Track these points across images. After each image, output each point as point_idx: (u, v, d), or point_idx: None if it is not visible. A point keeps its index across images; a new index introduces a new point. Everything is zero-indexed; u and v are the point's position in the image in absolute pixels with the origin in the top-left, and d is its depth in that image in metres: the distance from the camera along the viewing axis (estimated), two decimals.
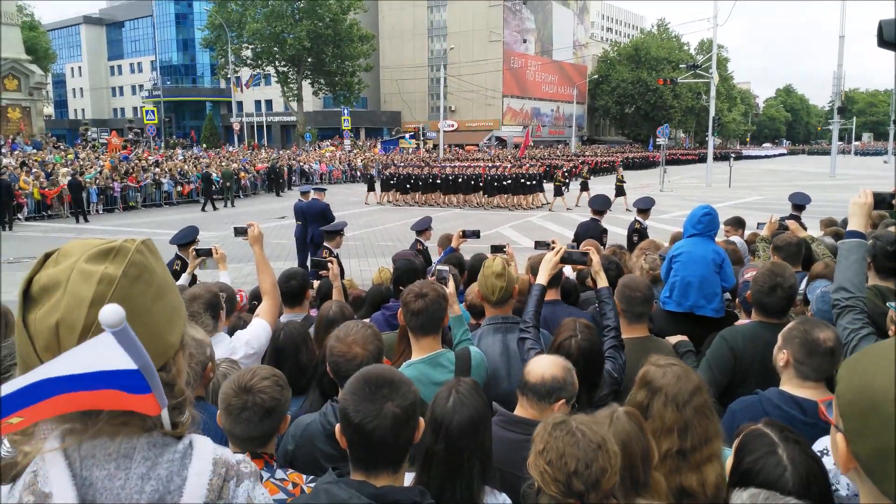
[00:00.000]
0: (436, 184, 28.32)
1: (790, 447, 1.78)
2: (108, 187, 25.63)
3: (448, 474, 1.94)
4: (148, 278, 1.10)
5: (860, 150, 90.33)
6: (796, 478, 1.72)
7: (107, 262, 1.07)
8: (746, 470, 1.77)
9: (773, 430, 1.84)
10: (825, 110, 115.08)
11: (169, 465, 1.11)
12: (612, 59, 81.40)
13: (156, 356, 1.09)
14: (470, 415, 1.98)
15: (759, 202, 24.54)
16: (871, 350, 1.18)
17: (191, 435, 1.18)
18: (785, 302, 3.16)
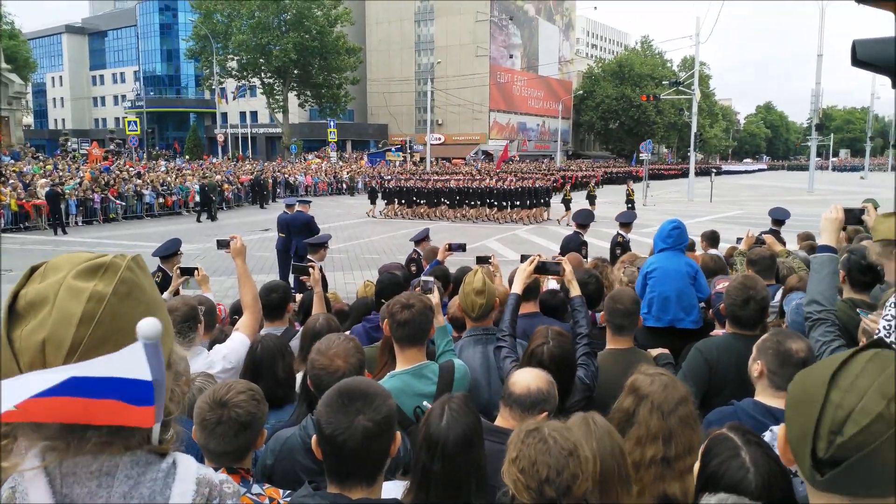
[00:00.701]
0: (441, 198, 28.17)
1: (752, 450, 1.81)
2: (87, 199, 25.36)
3: (446, 493, 1.94)
4: (138, 296, 1.09)
5: (838, 166, 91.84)
6: (759, 479, 1.75)
7: (96, 279, 1.06)
8: (712, 473, 1.80)
9: (737, 434, 1.87)
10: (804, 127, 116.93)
11: (152, 485, 1.10)
12: (596, 75, 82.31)
13: None
14: (464, 431, 1.99)
15: (740, 216, 24.84)
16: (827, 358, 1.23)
17: (174, 453, 1.17)
18: (758, 314, 3.22)
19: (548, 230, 23.15)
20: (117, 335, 1.04)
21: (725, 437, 1.86)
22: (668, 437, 2.26)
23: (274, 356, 3.12)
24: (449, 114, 70.29)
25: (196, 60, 60.49)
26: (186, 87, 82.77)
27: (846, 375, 1.09)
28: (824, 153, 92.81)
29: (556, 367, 2.72)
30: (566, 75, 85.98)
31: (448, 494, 1.94)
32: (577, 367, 2.97)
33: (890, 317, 2.44)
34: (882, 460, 1.04)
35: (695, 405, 2.40)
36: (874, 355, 1.11)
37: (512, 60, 75.48)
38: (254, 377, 3.05)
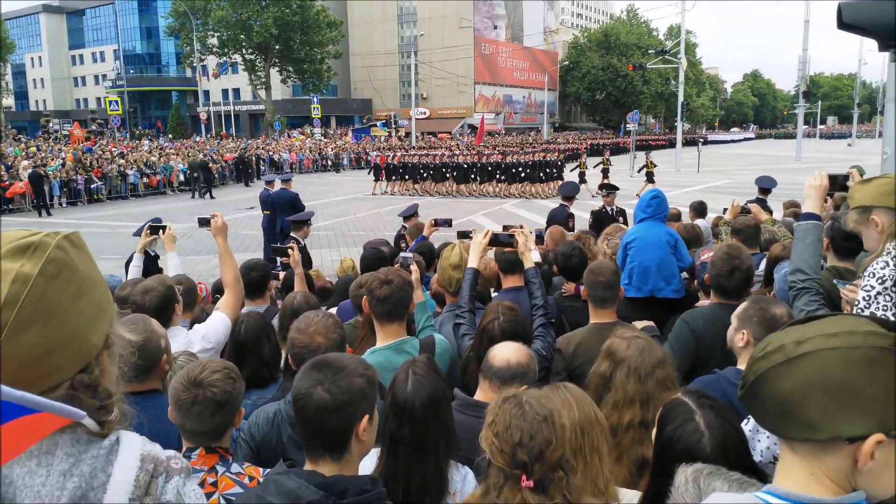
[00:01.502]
0: (447, 173, 27.29)
1: (707, 413, 1.80)
2: (71, 180, 25.06)
3: (415, 455, 1.97)
4: (68, 275, 1.05)
5: (825, 134, 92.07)
6: (713, 442, 1.75)
7: (23, 259, 1.01)
8: (667, 438, 1.80)
9: (691, 397, 1.86)
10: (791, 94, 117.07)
11: (93, 462, 1.07)
12: (582, 45, 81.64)
13: (76, 357, 1.06)
14: (429, 394, 2.01)
15: (727, 185, 24.92)
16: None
17: (119, 431, 1.14)
18: (743, 283, 3.21)
19: (535, 204, 23.11)
20: (44, 317, 1.00)
21: (680, 402, 1.85)
22: (645, 400, 2.27)
23: (259, 336, 3.11)
24: (434, 87, 69.67)
25: (176, 38, 59.51)
26: (168, 65, 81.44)
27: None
28: (812, 121, 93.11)
29: (508, 341, 2.72)
30: (551, 46, 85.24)
31: (417, 458, 1.97)
32: (532, 340, 2.98)
33: (868, 287, 2.40)
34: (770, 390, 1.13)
35: (673, 367, 2.40)
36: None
37: (496, 32, 74.68)
38: (238, 358, 3.03)
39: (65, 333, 1.02)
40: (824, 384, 1.07)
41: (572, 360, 3.19)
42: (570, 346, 3.24)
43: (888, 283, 2.34)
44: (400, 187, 28.09)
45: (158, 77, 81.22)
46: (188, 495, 1.18)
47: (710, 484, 1.43)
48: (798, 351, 1.11)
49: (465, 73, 69.09)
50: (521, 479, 1.61)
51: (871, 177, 2.73)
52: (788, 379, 1.11)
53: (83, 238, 1.15)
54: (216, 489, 1.97)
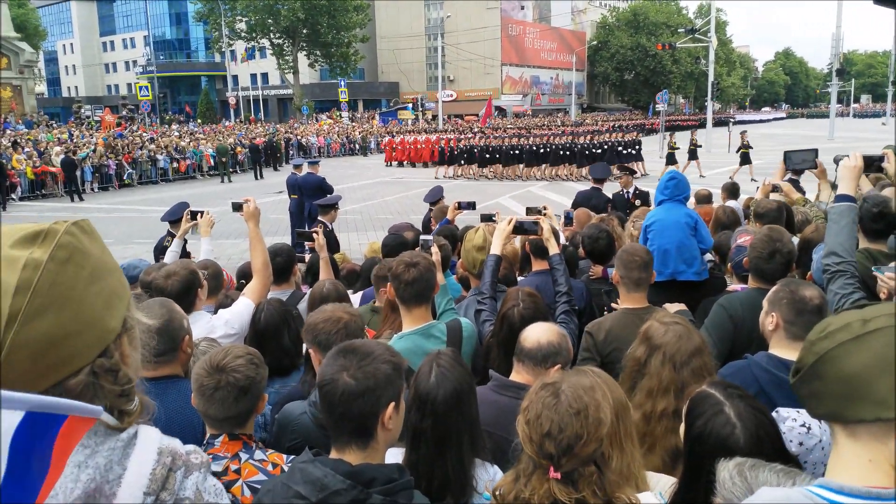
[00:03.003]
0: (518, 155, 25.81)
1: (736, 403, 1.76)
2: (102, 165, 25.48)
3: (437, 451, 1.92)
4: (80, 260, 1.04)
5: (858, 113, 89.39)
6: (746, 434, 1.70)
7: (34, 247, 1.01)
8: (698, 434, 1.74)
9: (718, 389, 1.82)
10: (824, 73, 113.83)
11: (109, 454, 1.06)
12: (610, 24, 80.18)
13: (94, 342, 1.05)
14: (454, 387, 1.96)
15: (758, 167, 24.32)
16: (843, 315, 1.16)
17: (137, 426, 1.12)
18: (784, 267, 3.11)
19: (563, 186, 22.89)
20: (59, 302, 0.99)
21: (706, 395, 1.80)
22: (679, 389, 2.21)
23: (278, 325, 3.06)
24: (460, 69, 69.16)
25: (205, 23, 59.73)
26: (196, 50, 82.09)
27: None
28: (845, 99, 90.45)
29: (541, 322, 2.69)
30: (579, 26, 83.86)
31: (439, 452, 1.92)
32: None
33: None
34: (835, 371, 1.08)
35: (712, 357, 2.34)
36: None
37: (523, 12, 73.73)
38: (258, 346, 3.02)
39: (81, 318, 1.02)
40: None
41: (604, 347, 3.13)
42: (601, 333, 3.16)
43: None
44: (465, 171, 26.88)
45: (188, 62, 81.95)
46: (208, 491, 1.16)
47: (757, 476, 1.39)
48: (867, 328, 1.09)
49: (492, 54, 68.44)
50: (549, 471, 1.59)
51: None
52: (858, 356, 1.08)
53: (93, 224, 1.14)
54: (239, 476, 1.97)
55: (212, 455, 1.99)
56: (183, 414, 2.19)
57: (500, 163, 26.08)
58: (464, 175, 26.87)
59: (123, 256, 8.23)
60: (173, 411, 2.19)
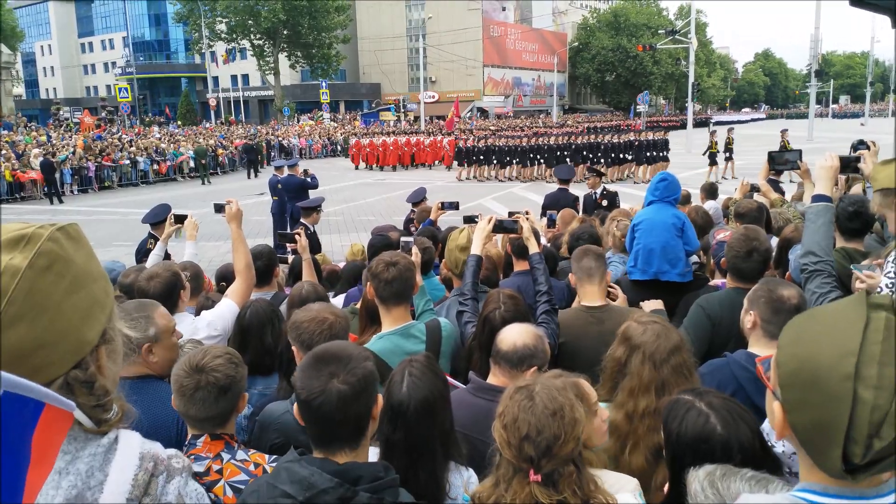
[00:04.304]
0: (536, 156, 25.03)
1: (706, 397, 1.80)
2: (82, 167, 25.18)
3: (410, 460, 1.91)
4: (60, 269, 1.01)
5: (837, 113, 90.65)
6: (721, 420, 1.72)
7: (14, 252, 0.98)
8: (677, 437, 1.77)
9: (688, 393, 1.86)
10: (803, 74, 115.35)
11: (90, 460, 1.05)
12: (591, 25, 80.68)
13: (68, 353, 1.03)
14: (425, 396, 1.94)
15: (739, 167, 24.62)
16: (817, 316, 1.15)
17: (118, 430, 1.11)
18: (761, 266, 3.15)
19: (544, 187, 22.99)
20: (34, 311, 0.97)
21: (677, 399, 1.84)
22: (660, 387, 2.24)
23: (262, 323, 3.08)
24: (442, 70, 69.23)
25: (184, 24, 59.28)
26: (176, 51, 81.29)
27: (867, 362, 1.00)
28: (824, 100, 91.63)
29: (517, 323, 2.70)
30: (560, 27, 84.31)
31: (412, 461, 1.90)
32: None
33: (892, 273, 2.40)
34: None
35: (690, 354, 2.37)
36: (885, 327, 1.03)
37: (505, 13, 73.97)
38: (242, 344, 3.03)
39: (56, 329, 0.99)
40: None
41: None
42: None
43: None
44: (479, 172, 26.16)
45: (167, 64, 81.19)
46: (189, 496, 1.16)
47: (729, 487, 1.38)
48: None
49: (474, 55, 68.56)
50: (529, 474, 1.60)
51: (892, 158, 2.67)
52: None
53: (82, 229, 1.12)
54: (221, 476, 1.97)
55: (194, 455, 1.99)
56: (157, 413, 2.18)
57: (521, 163, 25.32)
58: (479, 176, 26.24)
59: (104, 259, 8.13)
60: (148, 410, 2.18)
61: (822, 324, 1.10)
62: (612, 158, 23.87)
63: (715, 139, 24.06)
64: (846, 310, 1.08)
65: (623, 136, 25.02)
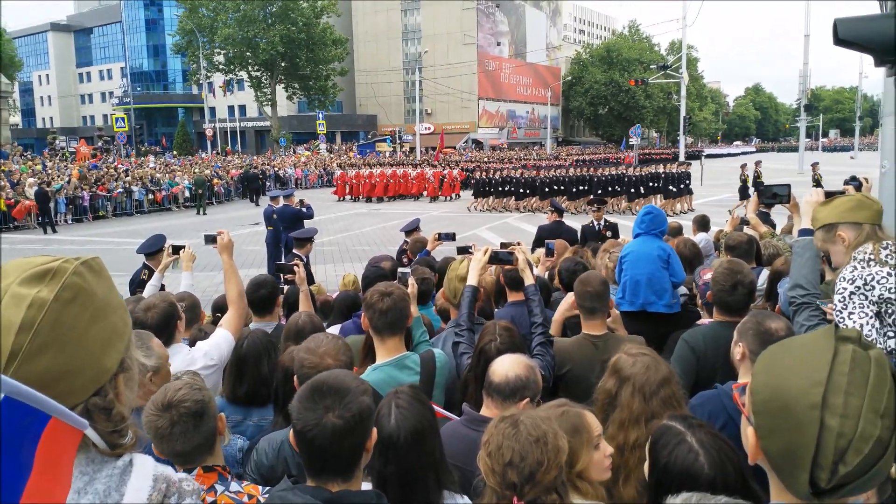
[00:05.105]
0: (556, 188, 24.56)
1: (697, 432, 1.80)
2: (76, 197, 25.20)
3: (404, 493, 1.91)
4: (84, 301, 1.07)
5: (827, 147, 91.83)
6: (710, 459, 1.74)
7: (41, 285, 1.04)
8: (664, 465, 1.78)
9: (678, 420, 1.87)
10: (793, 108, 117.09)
11: (107, 480, 1.10)
12: (584, 60, 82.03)
13: (90, 381, 1.08)
14: (414, 426, 1.94)
15: (731, 199, 24.86)
16: (789, 347, 1.20)
17: (132, 454, 1.17)
18: (746, 298, 3.20)
19: (539, 218, 23.11)
20: (59, 342, 1.02)
21: (668, 427, 1.85)
22: (650, 419, 2.25)
23: (259, 353, 3.07)
24: (438, 103, 70.05)
25: (183, 55, 59.92)
26: (174, 82, 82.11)
27: (834, 391, 1.07)
28: (814, 134, 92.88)
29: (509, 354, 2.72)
30: (554, 62, 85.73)
31: (407, 495, 1.89)
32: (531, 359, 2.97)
33: (841, 289, 2.51)
34: (876, 477, 1.06)
35: (679, 386, 2.39)
36: (852, 358, 1.10)
37: (500, 48, 75.17)
38: (238, 374, 3.02)
39: (79, 358, 1.05)
40: None
41: (559, 366, 3.22)
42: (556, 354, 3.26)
43: (858, 283, 2.47)
44: (497, 204, 25.95)
45: (165, 94, 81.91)
46: None
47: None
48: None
49: (469, 88, 69.49)
50: (513, 501, 1.61)
51: (830, 198, 2.81)
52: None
53: (103, 262, 1.18)
54: None
55: None
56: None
57: (539, 196, 24.89)
58: (496, 207, 26.04)
59: None
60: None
61: (792, 355, 1.16)
62: (635, 190, 23.70)
63: (746, 172, 23.88)
64: (816, 342, 1.14)
65: (644, 169, 24.93)
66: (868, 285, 2.45)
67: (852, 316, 2.46)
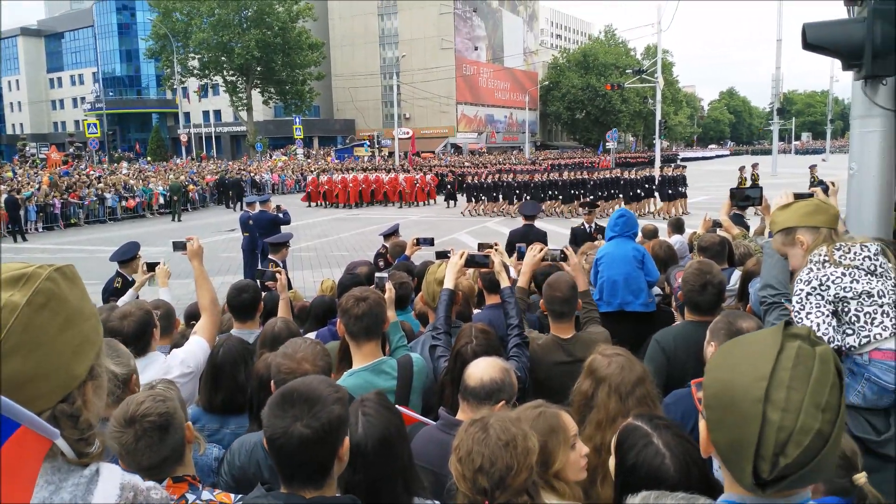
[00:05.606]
0: (550, 192, 24.92)
1: (664, 434, 1.82)
2: (47, 204, 24.77)
3: (372, 500, 1.89)
4: (56, 307, 1.08)
5: (800, 150, 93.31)
6: (676, 462, 1.76)
7: (14, 290, 1.05)
8: (630, 466, 1.79)
9: (644, 420, 1.88)
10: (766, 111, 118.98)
11: (73, 489, 1.09)
12: (561, 65, 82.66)
13: (58, 387, 1.08)
14: (382, 433, 1.93)
15: (706, 202, 25.17)
16: (740, 343, 1.25)
17: (99, 463, 1.16)
18: (716, 298, 3.26)
19: (518, 222, 23.18)
20: (28, 346, 1.03)
21: (634, 427, 1.86)
22: (626, 417, 2.27)
23: (236, 361, 3.01)
24: (416, 107, 70.10)
25: (156, 60, 59.29)
26: (147, 87, 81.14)
27: (777, 386, 1.11)
28: (787, 137, 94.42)
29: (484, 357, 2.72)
30: (531, 66, 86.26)
31: (374, 502, 1.88)
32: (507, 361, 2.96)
33: (799, 290, 2.58)
34: (818, 469, 1.11)
35: (653, 384, 2.42)
36: (797, 354, 1.14)
37: (477, 53, 75.45)
38: (214, 382, 2.98)
39: (48, 363, 1.05)
40: None
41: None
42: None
43: (814, 284, 2.54)
44: (489, 208, 25.96)
45: (138, 99, 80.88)
46: None
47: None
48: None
49: (448, 93, 69.63)
50: None
51: (789, 201, 2.88)
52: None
53: (77, 270, 1.18)
54: None
55: None
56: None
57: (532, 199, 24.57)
58: (488, 212, 26.01)
59: None
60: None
61: (742, 351, 1.21)
62: (637, 194, 23.96)
63: (744, 175, 24.29)
64: (764, 338, 1.19)
65: (640, 172, 25.27)
66: (824, 286, 2.52)
67: (809, 316, 2.52)
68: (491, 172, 28.68)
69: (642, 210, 23.95)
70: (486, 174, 28.07)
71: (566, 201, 24.32)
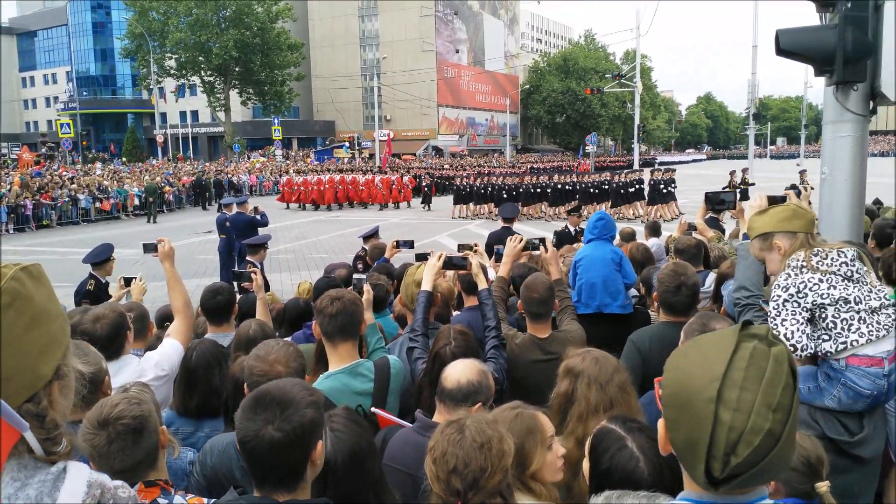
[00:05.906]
0: (539, 193, 25.02)
1: (637, 437, 1.83)
2: (19, 205, 24.32)
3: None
4: (21, 306, 1.07)
5: (775, 154, 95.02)
6: (650, 466, 1.78)
7: None
8: (605, 469, 1.80)
9: (618, 423, 1.89)
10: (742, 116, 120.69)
11: (40, 486, 1.08)
12: (542, 69, 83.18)
13: (23, 387, 1.07)
14: (351, 448, 1.92)
15: (683, 205, 25.44)
16: (697, 343, 1.26)
17: (66, 461, 1.16)
18: (690, 299, 3.31)
19: (496, 224, 23.24)
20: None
21: (608, 430, 1.87)
22: (609, 406, 2.30)
23: (210, 364, 2.98)
24: (397, 110, 70.01)
25: (132, 60, 58.56)
26: (123, 87, 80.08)
27: (730, 386, 1.13)
28: (762, 142, 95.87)
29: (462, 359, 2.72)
30: (512, 70, 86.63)
31: None
32: (485, 363, 2.95)
33: (776, 297, 2.60)
34: (770, 467, 1.13)
35: (627, 373, 2.46)
36: (751, 355, 1.15)
37: (458, 55, 75.58)
38: (189, 385, 2.95)
39: (13, 363, 1.04)
40: None
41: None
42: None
43: (792, 290, 2.55)
44: (478, 210, 25.83)
45: (113, 99, 79.78)
46: None
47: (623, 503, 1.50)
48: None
49: (429, 95, 69.63)
50: None
51: (767, 207, 2.91)
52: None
53: (43, 269, 1.17)
54: None
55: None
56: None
57: (521, 201, 24.45)
58: (478, 214, 25.89)
59: None
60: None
61: (698, 351, 1.23)
62: (624, 196, 24.18)
63: (735, 179, 24.53)
64: (721, 339, 1.21)
65: (629, 175, 25.49)
66: (801, 293, 2.54)
67: (784, 323, 2.54)
68: (470, 175, 28.80)
69: (634, 213, 24.25)
70: (467, 176, 28.17)
71: (553, 204, 24.45)
